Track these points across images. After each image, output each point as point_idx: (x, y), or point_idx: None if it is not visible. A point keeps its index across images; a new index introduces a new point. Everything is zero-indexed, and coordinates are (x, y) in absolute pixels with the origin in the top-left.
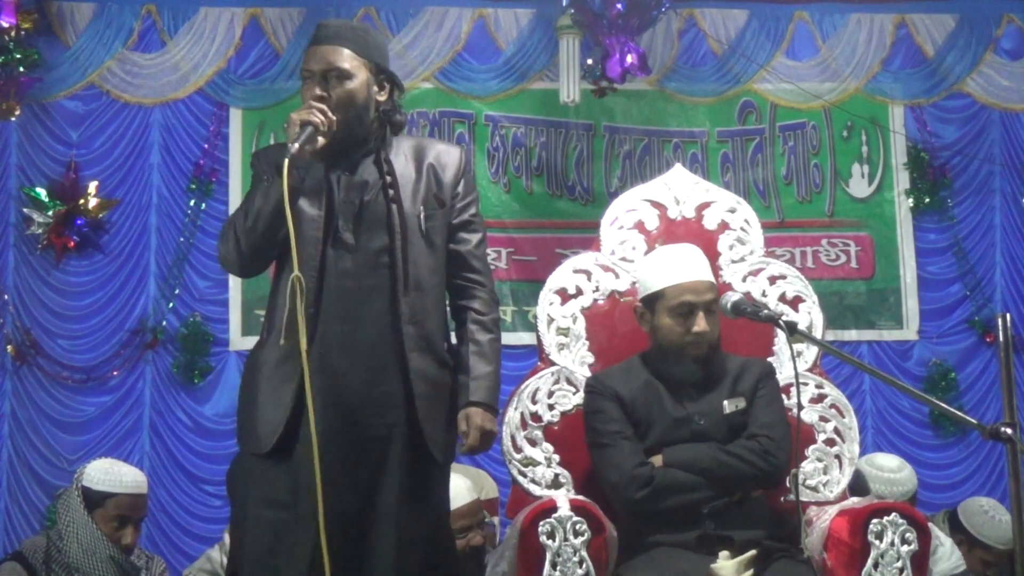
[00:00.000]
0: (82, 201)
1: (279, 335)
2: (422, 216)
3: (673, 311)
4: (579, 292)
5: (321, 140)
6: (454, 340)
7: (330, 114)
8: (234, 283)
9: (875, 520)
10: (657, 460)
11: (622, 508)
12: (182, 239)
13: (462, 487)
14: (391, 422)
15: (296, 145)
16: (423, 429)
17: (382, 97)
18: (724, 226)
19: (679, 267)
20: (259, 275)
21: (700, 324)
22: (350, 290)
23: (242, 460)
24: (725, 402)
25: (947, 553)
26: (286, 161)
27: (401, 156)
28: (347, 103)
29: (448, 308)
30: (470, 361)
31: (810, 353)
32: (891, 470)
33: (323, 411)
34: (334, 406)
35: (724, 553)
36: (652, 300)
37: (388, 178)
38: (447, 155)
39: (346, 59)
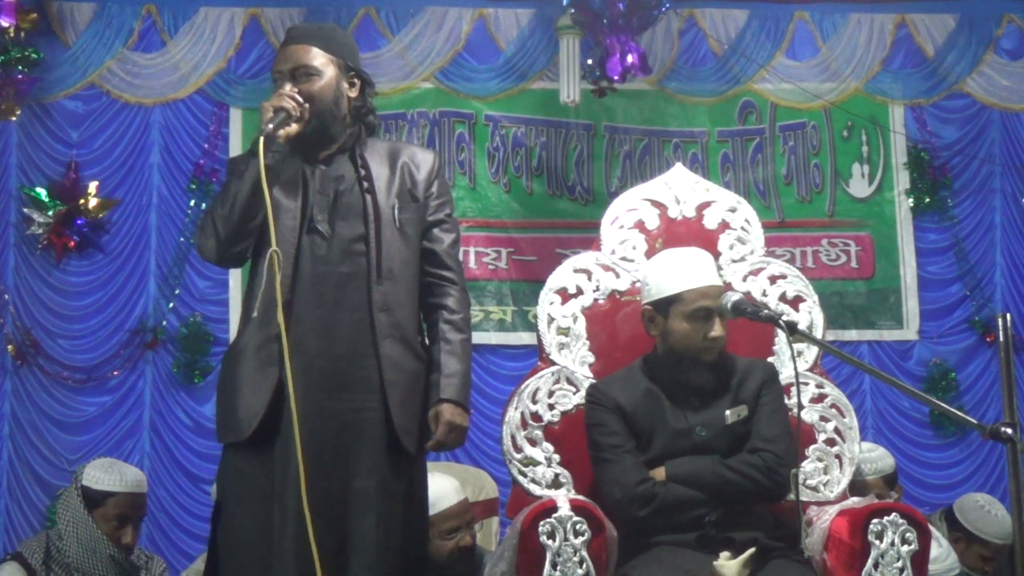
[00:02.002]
0: (82, 201)
1: (257, 320)
2: (396, 208)
3: (690, 316)
4: (579, 292)
5: (294, 127)
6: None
7: (302, 102)
8: (234, 283)
9: (875, 520)
10: (659, 473)
11: (624, 523)
12: (182, 239)
13: (449, 488)
14: (365, 408)
15: (270, 126)
16: (393, 418)
17: (353, 94)
18: (724, 226)
19: (694, 271)
20: (239, 267)
21: (717, 329)
22: (325, 275)
23: (223, 456)
24: (727, 412)
25: (943, 554)
26: (261, 140)
27: (376, 155)
28: (317, 97)
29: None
30: (441, 359)
31: (810, 353)
32: (863, 451)
33: (301, 395)
34: (311, 389)
35: (725, 553)
36: (665, 304)
37: (363, 171)
38: (421, 155)
39: (314, 56)
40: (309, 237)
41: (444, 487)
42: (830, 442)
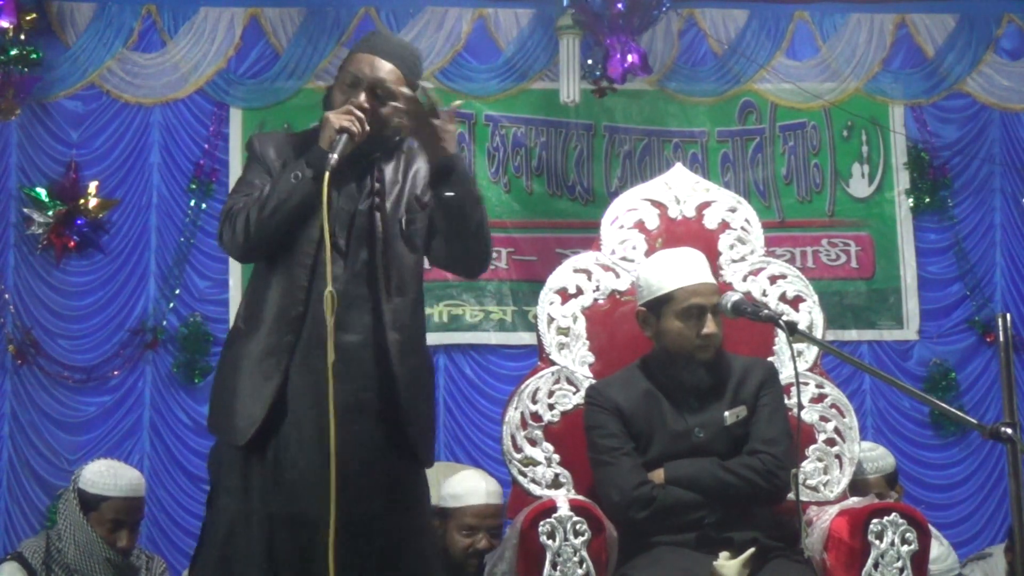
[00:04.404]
0: (82, 201)
1: (266, 329)
2: (403, 220)
3: (682, 314)
4: (579, 292)
5: (348, 147)
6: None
7: (365, 126)
8: (234, 283)
9: (875, 520)
10: (657, 475)
11: (623, 526)
12: (182, 239)
13: (480, 488)
14: (371, 429)
15: (335, 156)
16: (408, 433)
17: (405, 120)
18: (724, 226)
19: (685, 270)
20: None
21: (710, 327)
22: (338, 295)
23: (218, 447)
24: (726, 413)
25: (943, 554)
26: (327, 174)
27: (391, 165)
28: (383, 123)
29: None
30: None
31: (810, 353)
32: (864, 450)
33: (306, 411)
34: (316, 407)
35: (725, 553)
36: (658, 304)
37: (377, 185)
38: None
39: (397, 79)
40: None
41: (475, 486)
42: (830, 442)
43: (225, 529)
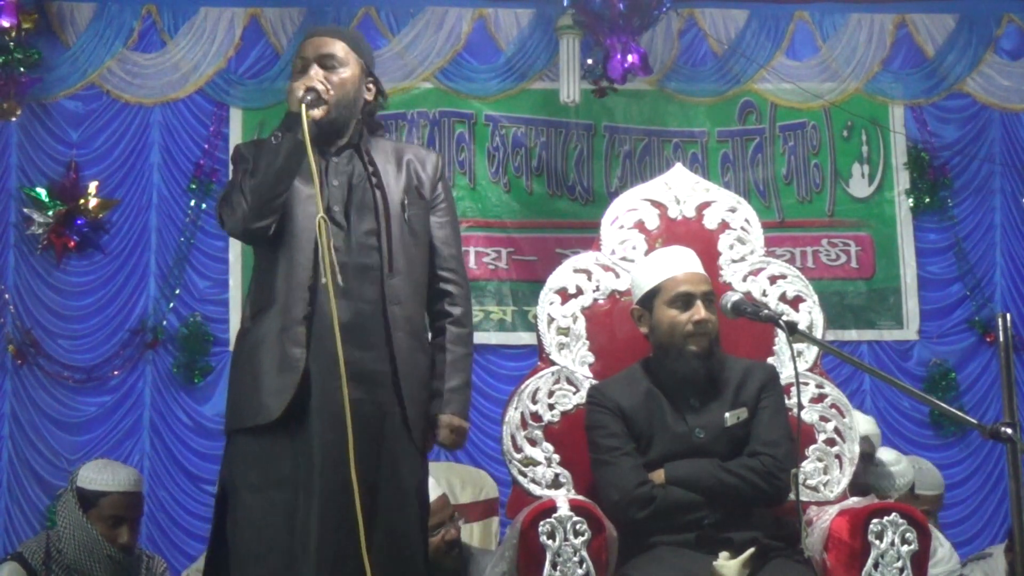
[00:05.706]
0: (82, 201)
1: (280, 306)
2: (404, 204)
3: (672, 302)
4: (579, 292)
5: (320, 111)
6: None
7: (329, 89)
8: (234, 283)
9: (875, 520)
10: (658, 476)
11: (623, 526)
12: (182, 239)
13: (429, 483)
14: (381, 401)
15: (308, 98)
16: (407, 412)
17: (369, 97)
18: (724, 226)
19: (672, 262)
20: (258, 244)
21: (700, 312)
22: (344, 266)
23: (232, 445)
24: (727, 414)
25: (946, 555)
26: (303, 107)
27: (380, 152)
28: (341, 87)
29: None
30: (445, 371)
31: (810, 353)
32: (890, 463)
33: (322, 384)
34: (332, 377)
35: (724, 553)
36: (649, 297)
37: (371, 167)
38: (425, 154)
39: (341, 49)
40: (328, 227)
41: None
42: (830, 442)
43: (256, 525)
